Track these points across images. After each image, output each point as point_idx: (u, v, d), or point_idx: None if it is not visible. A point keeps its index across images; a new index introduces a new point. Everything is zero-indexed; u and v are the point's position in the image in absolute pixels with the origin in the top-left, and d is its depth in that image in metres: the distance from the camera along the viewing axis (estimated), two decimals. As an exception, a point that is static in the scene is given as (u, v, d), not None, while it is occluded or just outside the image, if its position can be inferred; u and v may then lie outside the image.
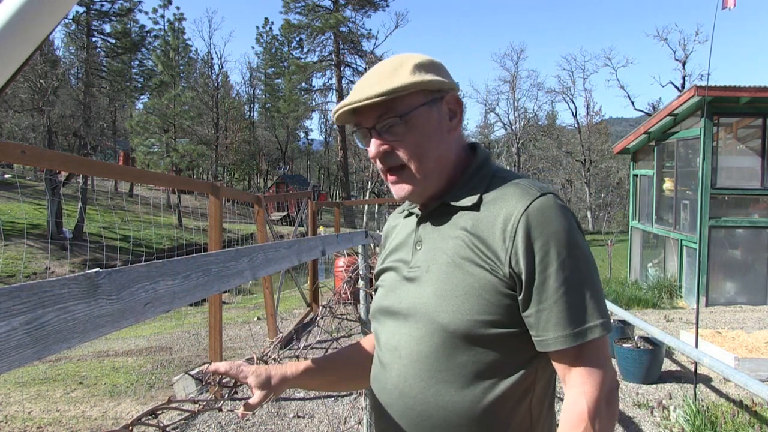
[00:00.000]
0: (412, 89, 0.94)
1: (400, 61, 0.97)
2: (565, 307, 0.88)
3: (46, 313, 0.61)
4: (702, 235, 9.74)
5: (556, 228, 0.89)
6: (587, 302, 0.89)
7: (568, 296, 0.88)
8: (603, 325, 0.89)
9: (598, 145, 39.08)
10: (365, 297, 3.02)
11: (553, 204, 0.91)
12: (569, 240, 0.89)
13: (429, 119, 0.97)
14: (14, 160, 2.49)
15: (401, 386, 0.97)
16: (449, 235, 0.96)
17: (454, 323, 0.90)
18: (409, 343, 0.96)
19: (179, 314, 8.85)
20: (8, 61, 0.62)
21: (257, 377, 1.10)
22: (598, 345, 0.90)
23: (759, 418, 4.02)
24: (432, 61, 1.00)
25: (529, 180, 0.97)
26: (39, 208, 23.10)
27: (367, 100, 0.93)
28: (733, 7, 4.37)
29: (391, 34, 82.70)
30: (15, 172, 31.00)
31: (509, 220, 0.90)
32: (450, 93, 1.00)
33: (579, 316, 0.88)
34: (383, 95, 0.92)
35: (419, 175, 0.97)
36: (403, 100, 0.95)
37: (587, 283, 0.89)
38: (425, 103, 0.96)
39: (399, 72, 0.95)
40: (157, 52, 32.53)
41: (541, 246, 0.88)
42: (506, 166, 23.42)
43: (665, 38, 36.91)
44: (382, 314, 1.05)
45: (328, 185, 56.91)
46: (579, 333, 0.88)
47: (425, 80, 0.95)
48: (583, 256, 0.91)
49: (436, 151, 0.98)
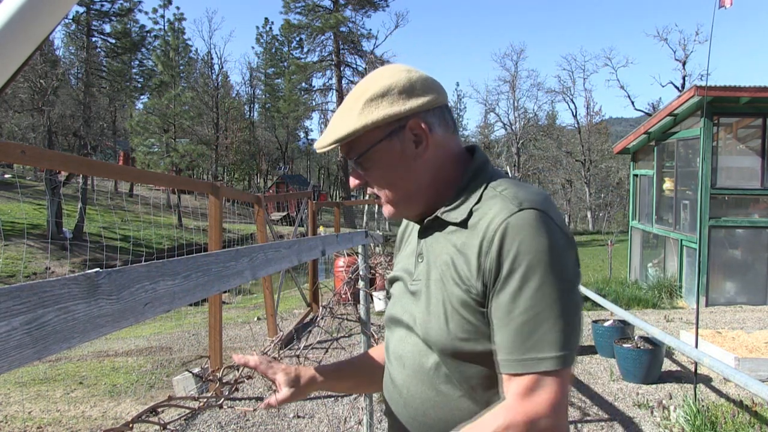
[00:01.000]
0: (360, 132, 0.94)
1: (358, 95, 0.96)
2: (518, 331, 0.83)
3: (46, 313, 0.61)
4: (702, 235, 9.74)
5: (527, 246, 0.83)
6: (546, 331, 0.82)
7: (525, 320, 0.83)
8: (560, 359, 0.81)
9: (598, 145, 39.09)
10: (365, 297, 3.02)
11: (532, 219, 0.85)
12: (541, 260, 0.83)
13: (390, 153, 0.96)
14: (14, 160, 2.49)
15: (405, 395, 0.99)
16: (442, 251, 0.95)
17: (440, 341, 0.91)
18: (412, 354, 0.98)
19: (179, 314, 8.85)
20: (8, 61, 0.62)
21: (286, 375, 1.12)
22: (549, 380, 0.82)
23: (759, 418, 4.02)
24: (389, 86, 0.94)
25: (516, 190, 0.91)
26: (39, 208, 23.10)
27: (323, 148, 0.98)
28: (730, 5, 4.37)
29: (391, 34, 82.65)
30: (15, 172, 30.99)
31: (484, 238, 0.87)
32: (411, 120, 0.95)
33: (532, 344, 0.82)
34: (334, 143, 0.96)
35: (391, 204, 1.01)
36: (359, 140, 0.96)
37: (552, 308, 0.82)
38: (383, 138, 0.95)
39: (352, 112, 0.95)
40: (157, 52, 32.53)
41: (509, 264, 0.84)
42: (506, 167, 23.31)
43: (665, 38, 36.96)
44: (391, 323, 1.07)
45: (328, 185, 56.92)
46: (524, 362, 0.82)
47: (372, 121, 0.93)
48: (556, 278, 0.83)
49: (402, 182, 0.97)
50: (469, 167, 0.99)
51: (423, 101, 0.95)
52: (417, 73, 0.98)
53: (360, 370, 1.24)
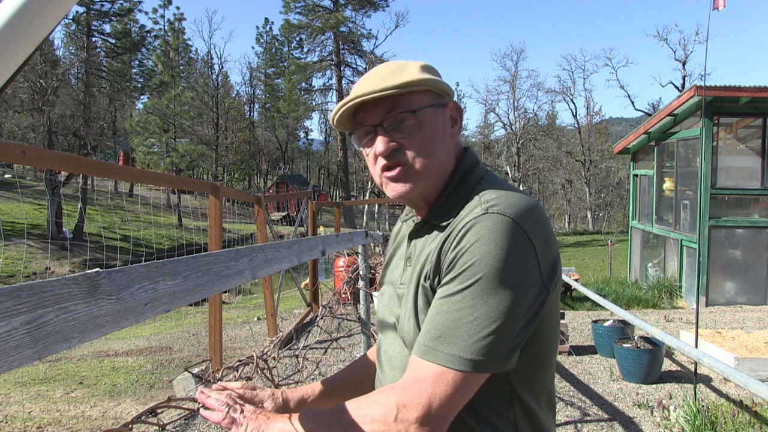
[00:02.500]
0: (423, 86, 0.93)
1: (404, 63, 0.97)
2: (438, 320, 0.83)
3: (46, 313, 0.61)
4: (702, 235, 9.74)
5: (480, 249, 0.82)
6: (458, 329, 0.80)
7: (444, 311, 0.83)
8: (466, 362, 0.79)
9: (598, 145, 39.06)
10: (365, 297, 3.02)
11: (490, 224, 0.83)
12: (488, 265, 0.81)
13: (436, 121, 0.96)
14: (14, 160, 2.49)
15: None
16: (426, 255, 0.95)
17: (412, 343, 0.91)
18: (401, 354, 0.99)
19: (179, 314, 8.85)
20: (8, 61, 0.62)
21: (274, 401, 1.08)
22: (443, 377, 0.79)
23: (759, 418, 4.02)
24: (433, 68, 1.00)
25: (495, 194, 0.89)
26: (39, 208, 23.10)
27: (378, 92, 0.90)
28: (723, 7, 4.37)
29: (391, 34, 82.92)
30: (15, 172, 30.99)
31: (449, 237, 0.88)
32: (452, 101, 1.00)
33: (437, 334, 0.82)
34: (396, 87, 0.90)
35: (421, 175, 0.94)
36: (413, 98, 0.93)
37: (479, 314, 0.80)
38: (433, 104, 0.95)
39: (406, 70, 0.94)
40: (157, 52, 32.49)
41: (457, 259, 0.84)
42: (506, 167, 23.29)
43: (665, 38, 36.84)
44: (381, 326, 1.08)
45: (328, 185, 56.90)
46: (427, 349, 0.82)
47: (435, 80, 0.94)
48: (496, 288, 0.80)
49: (440, 153, 0.96)
50: (457, 172, 0.98)
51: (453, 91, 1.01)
52: None
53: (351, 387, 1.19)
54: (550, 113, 44.90)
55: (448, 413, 0.80)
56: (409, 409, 0.78)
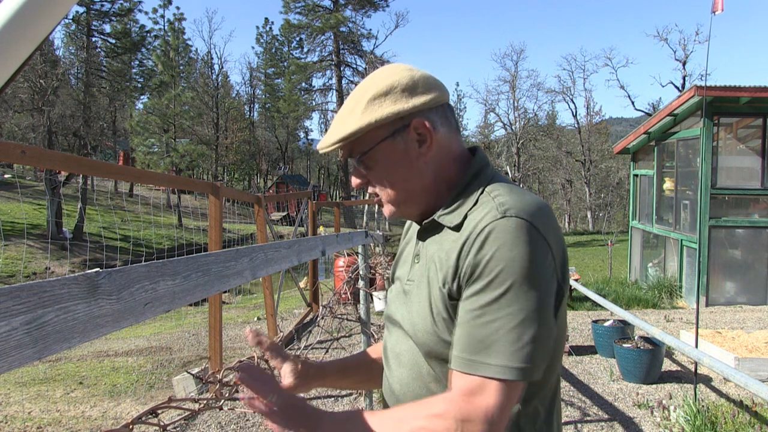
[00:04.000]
0: (365, 131, 0.93)
1: (361, 95, 0.95)
2: (475, 332, 0.83)
3: (46, 313, 0.61)
4: (702, 235, 9.74)
5: (500, 253, 0.82)
6: (499, 338, 0.81)
7: (479, 323, 0.82)
8: (510, 370, 0.79)
9: (598, 145, 39.06)
10: (365, 297, 3.02)
11: (511, 228, 0.83)
12: (510, 268, 0.82)
13: (393, 152, 0.95)
14: (14, 160, 2.49)
15: (398, 393, 1.00)
16: (436, 254, 0.95)
17: (427, 342, 0.92)
18: (409, 352, 0.98)
19: (179, 314, 8.85)
20: (8, 61, 0.62)
21: (293, 365, 1.12)
22: (492, 388, 0.80)
23: (759, 418, 4.02)
24: (392, 84, 0.94)
25: (509, 196, 0.89)
26: (39, 208, 23.09)
27: (326, 148, 0.98)
28: (721, 11, 4.36)
29: (391, 34, 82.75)
30: (15, 172, 30.98)
31: (467, 240, 0.87)
32: (415, 119, 0.94)
33: (479, 347, 0.82)
34: (336, 143, 0.96)
35: (391, 204, 1.00)
36: (362, 140, 0.96)
37: (515, 320, 0.81)
38: (387, 137, 0.95)
39: (355, 111, 0.95)
40: (157, 52, 32.48)
41: (482, 267, 0.84)
42: (506, 167, 23.31)
43: (665, 38, 36.81)
44: (389, 322, 1.08)
45: (328, 185, 56.90)
46: (470, 362, 0.82)
47: (377, 119, 0.92)
48: (523, 289, 0.81)
49: (405, 182, 0.97)
50: (468, 171, 0.98)
51: (426, 99, 0.94)
52: (419, 71, 0.98)
53: (363, 368, 1.25)
54: (550, 113, 44.90)
55: (503, 424, 0.81)
56: (472, 424, 0.79)
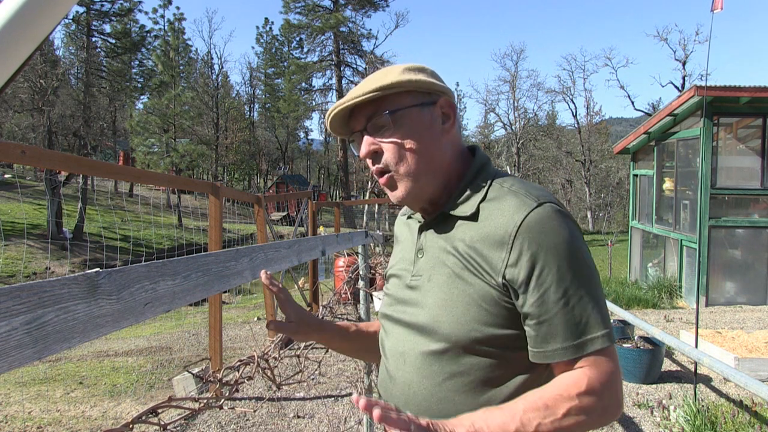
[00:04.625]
0: (401, 87, 0.94)
1: (390, 68, 0.98)
2: (566, 319, 0.86)
3: (46, 313, 0.61)
4: (702, 235, 9.74)
5: (554, 239, 0.87)
6: (589, 313, 0.87)
7: (569, 308, 0.86)
8: (605, 336, 0.87)
9: (598, 145, 39.05)
10: (365, 297, 3.02)
11: (551, 213, 0.89)
12: (568, 250, 0.87)
13: (420, 120, 0.96)
14: (14, 160, 2.49)
15: (406, 393, 0.98)
16: (449, 245, 0.95)
17: (455, 333, 0.91)
18: (414, 350, 0.97)
19: (179, 314, 8.85)
20: (8, 61, 0.62)
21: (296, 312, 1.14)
22: (603, 355, 0.87)
23: (759, 418, 4.02)
24: (424, 67, 1.00)
25: (527, 187, 0.94)
26: (39, 208, 23.09)
27: (356, 98, 0.94)
28: (721, 9, 4.35)
29: (391, 34, 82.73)
30: (15, 172, 30.98)
31: (506, 232, 0.88)
32: (443, 98, 0.99)
33: (580, 328, 0.86)
34: (373, 92, 0.93)
35: (409, 177, 0.97)
36: (393, 100, 0.95)
37: (588, 293, 0.87)
38: (416, 104, 0.96)
39: (389, 74, 0.96)
40: (157, 52, 32.46)
41: (539, 258, 0.86)
42: (506, 167, 23.40)
43: (665, 38, 36.87)
44: (388, 320, 1.06)
45: (328, 185, 56.88)
46: (580, 345, 0.86)
47: (415, 79, 0.95)
48: (584, 265, 0.88)
49: (428, 151, 0.97)
50: (473, 164, 1.01)
51: (448, 88, 1.01)
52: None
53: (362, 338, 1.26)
54: (550, 113, 44.90)
55: (620, 382, 0.90)
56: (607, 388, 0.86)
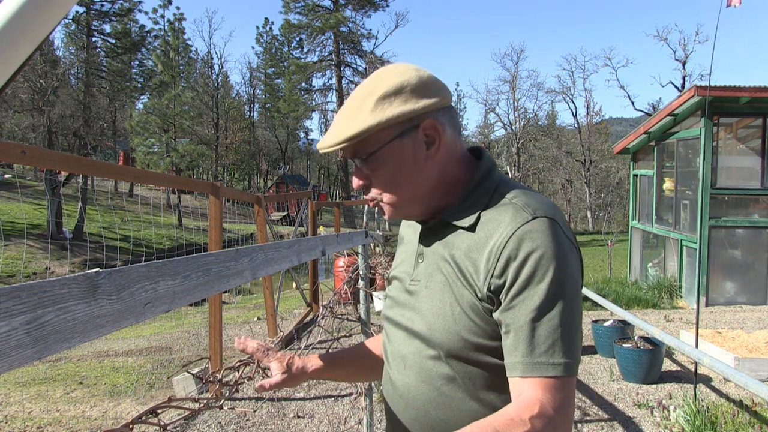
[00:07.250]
0: (374, 130, 0.90)
1: (367, 93, 0.92)
2: (531, 335, 0.83)
3: (46, 313, 0.61)
4: (702, 235, 9.74)
5: (540, 254, 0.84)
6: (556, 338, 0.83)
7: (536, 325, 0.83)
8: (566, 366, 0.83)
9: (598, 145, 39.06)
10: (365, 297, 3.02)
11: (544, 227, 0.86)
12: (552, 268, 0.84)
13: (401, 152, 0.93)
14: (14, 160, 2.49)
15: (406, 396, 0.99)
16: (447, 253, 0.95)
17: (447, 343, 0.91)
18: (413, 354, 0.97)
19: (179, 314, 8.85)
20: (8, 61, 0.62)
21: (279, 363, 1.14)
22: (559, 383, 0.82)
23: (759, 418, 4.02)
24: (402, 85, 0.91)
25: (528, 199, 0.91)
26: (39, 208, 23.09)
27: (332, 147, 0.93)
28: (739, 4, 4.32)
29: (391, 34, 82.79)
30: (15, 172, 30.98)
31: (496, 243, 0.87)
32: (426, 120, 0.93)
33: (541, 349, 0.83)
34: (342, 142, 0.91)
35: (393, 207, 0.98)
36: (369, 139, 0.92)
37: (561, 318, 0.83)
38: (395, 137, 0.92)
39: (362, 109, 0.91)
40: (157, 52, 32.46)
41: (522, 270, 0.84)
42: (506, 166, 23.31)
43: (665, 38, 36.90)
44: (389, 323, 1.06)
45: (328, 185, 56.90)
46: (536, 365, 0.83)
47: (387, 118, 0.89)
48: (566, 288, 0.84)
49: (411, 182, 0.95)
50: (477, 172, 0.98)
51: (435, 100, 0.93)
52: (426, 72, 0.96)
53: (358, 359, 1.25)
54: (550, 113, 44.92)
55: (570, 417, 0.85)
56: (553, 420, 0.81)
